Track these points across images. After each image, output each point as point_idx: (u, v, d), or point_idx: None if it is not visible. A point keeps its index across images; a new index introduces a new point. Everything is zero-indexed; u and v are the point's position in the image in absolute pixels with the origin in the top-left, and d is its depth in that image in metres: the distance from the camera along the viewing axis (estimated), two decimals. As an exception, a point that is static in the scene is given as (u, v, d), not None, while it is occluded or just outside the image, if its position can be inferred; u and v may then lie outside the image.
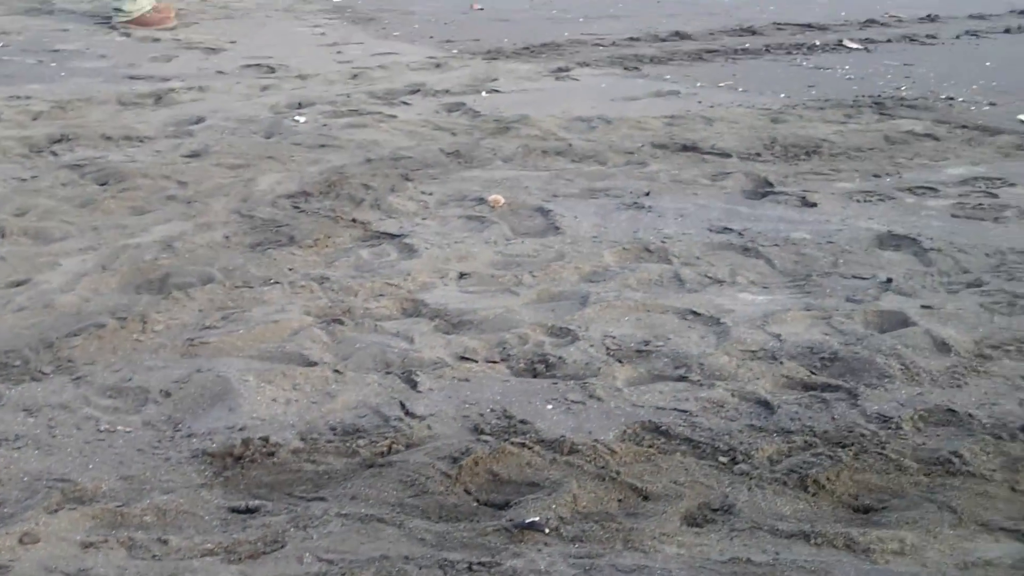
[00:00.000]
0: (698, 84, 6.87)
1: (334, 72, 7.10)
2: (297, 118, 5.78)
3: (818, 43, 8.49)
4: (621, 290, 3.49)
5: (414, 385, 2.86)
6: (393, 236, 4.00)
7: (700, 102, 6.33)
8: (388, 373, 2.93)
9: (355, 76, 6.98)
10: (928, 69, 7.58)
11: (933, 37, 9.00)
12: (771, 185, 4.69)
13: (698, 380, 2.89)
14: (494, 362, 3.01)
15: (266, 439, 2.54)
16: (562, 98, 6.36)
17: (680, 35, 8.69)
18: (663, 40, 8.52)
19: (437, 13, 9.89)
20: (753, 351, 3.06)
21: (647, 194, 4.52)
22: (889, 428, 2.63)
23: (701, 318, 3.29)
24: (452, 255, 3.81)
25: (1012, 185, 4.72)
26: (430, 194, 4.51)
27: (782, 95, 6.58)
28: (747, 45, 8.35)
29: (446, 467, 2.41)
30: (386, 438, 2.58)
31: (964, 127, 5.82)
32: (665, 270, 3.69)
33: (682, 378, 2.91)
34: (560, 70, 7.22)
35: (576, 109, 6.04)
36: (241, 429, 2.62)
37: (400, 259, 3.78)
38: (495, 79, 6.89)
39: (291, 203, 4.40)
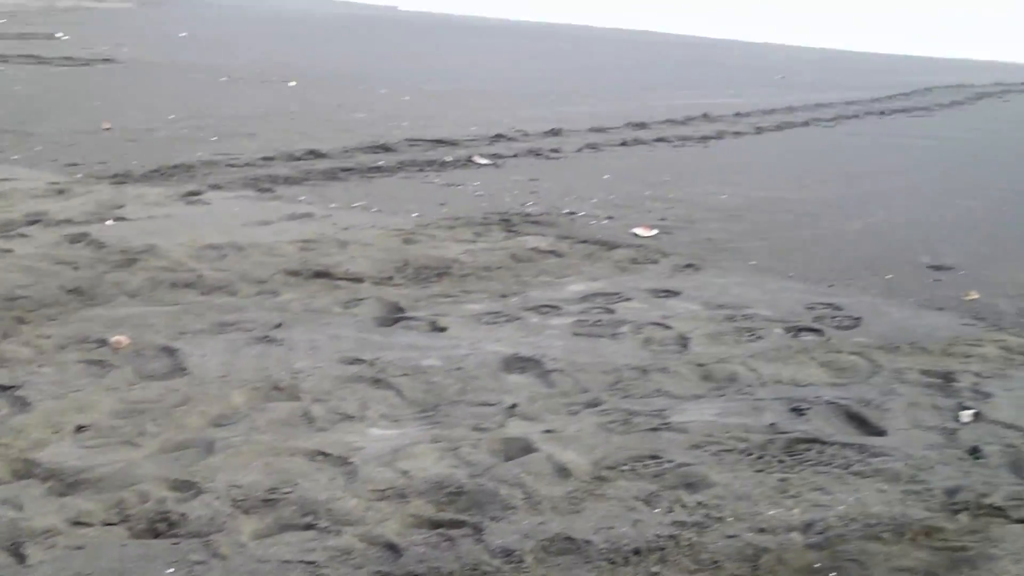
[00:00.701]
0: (332, 205, 6.91)
1: (-57, 202, 6.65)
2: (-102, 255, 5.37)
3: (449, 159, 8.76)
4: (249, 433, 3.42)
5: (22, 559, 2.67)
6: (4, 388, 3.75)
7: (334, 224, 6.36)
8: (-8, 548, 2.72)
9: (-34, 206, 6.57)
10: (552, 183, 7.97)
11: (557, 151, 9.49)
12: (402, 310, 4.76)
13: (326, 527, 2.86)
14: (112, 524, 2.87)
15: None
16: (193, 224, 6.22)
17: (315, 153, 8.73)
18: (298, 159, 8.53)
19: (62, 133, 9.47)
20: (382, 490, 3.06)
21: (278, 326, 4.47)
22: (512, 562, 2.69)
23: (330, 459, 3.26)
24: (69, 406, 3.61)
25: (627, 300, 5.00)
26: (47, 337, 4.27)
27: (415, 214, 6.72)
28: (381, 163, 8.50)
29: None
30: (-14, 625, 2.39)
31: (585, 242, 6.14)
32: (295, 408, 3.64)
33: (310, 526, 2.87)
34: (191, 194, 7.08)
35: (207, 236, 5.91)
36: None
37: (11, 414, 3.54)
38: (122, 205, 6.64)
39: None
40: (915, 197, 8.11)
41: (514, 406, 3.69)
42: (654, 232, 6.47)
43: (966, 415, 3.75)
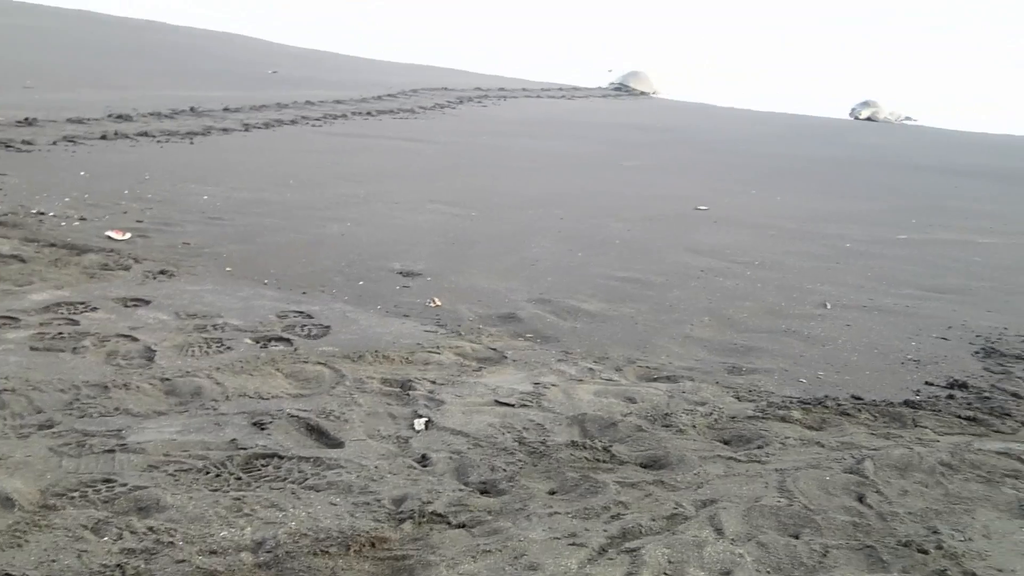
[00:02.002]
0: None
1: None
2: None
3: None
4: None
5: None
6: None
7: None
8: None
9: None
10: (22, 179, 7.54)
11: (30, 143, 8.99)
12: None
13: None
14: None
15: None
16: None
17: None
18: None
19: None
20: None
21: None
22: (-61, 608, 2.53)
23: None
24: None
25: (94, 309, 4.83)
26: None
27: None
28: None
29: None
30: None
31: (53, 246, 5.86)
32: None
33: None
34: None
35: None
36: None
37: None
38: None
39: None
40: (393, 201, 8.44)
41: (-44, 432, 3.46)
42: (128, 236, 6.29)
43: (419, 423, 3.96)
